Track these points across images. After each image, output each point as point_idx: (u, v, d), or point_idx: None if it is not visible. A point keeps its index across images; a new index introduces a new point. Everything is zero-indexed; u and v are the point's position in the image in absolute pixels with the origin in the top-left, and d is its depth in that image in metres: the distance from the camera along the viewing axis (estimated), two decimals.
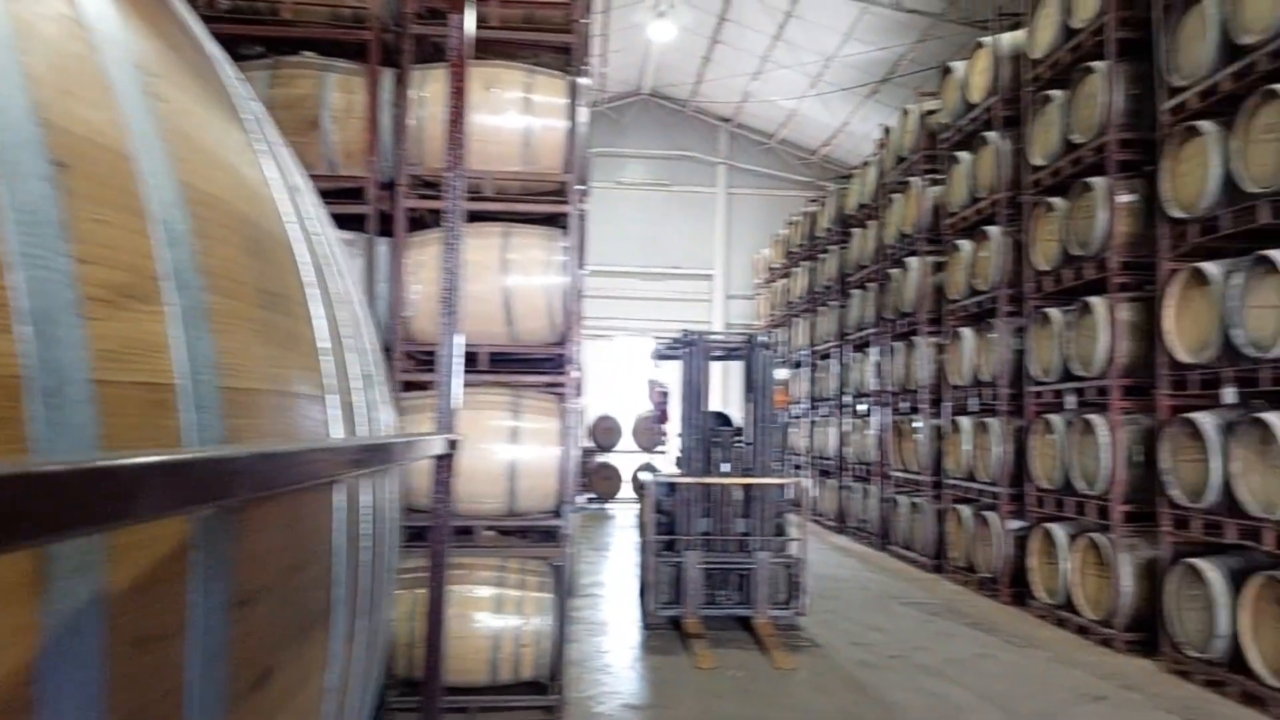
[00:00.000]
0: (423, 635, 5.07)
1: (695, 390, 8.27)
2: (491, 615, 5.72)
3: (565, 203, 6.31)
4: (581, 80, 6.53)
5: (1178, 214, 7.18)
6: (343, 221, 5.15)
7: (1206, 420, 6.67)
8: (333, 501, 2.06)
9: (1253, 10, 6.43)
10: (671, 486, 8.20)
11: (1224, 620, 6.43)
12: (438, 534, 3.36)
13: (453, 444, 3.29)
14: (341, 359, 2.26)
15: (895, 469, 13.26)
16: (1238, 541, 6.42)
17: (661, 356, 9.26)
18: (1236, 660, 6.39)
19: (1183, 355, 7.08)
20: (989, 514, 10.08)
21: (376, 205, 6.08)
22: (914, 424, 12.55)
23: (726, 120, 25.70)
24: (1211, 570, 6.57)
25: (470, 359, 5.80)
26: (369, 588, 2.31)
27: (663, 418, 18.01)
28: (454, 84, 3.65)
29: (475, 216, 6.18)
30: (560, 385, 6.25)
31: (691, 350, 8.33)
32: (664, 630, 8.04)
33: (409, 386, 6.07)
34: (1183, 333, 7.10)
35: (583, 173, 8.33)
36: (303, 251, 2.14)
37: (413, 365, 6.15)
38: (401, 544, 3.03)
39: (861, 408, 15.24)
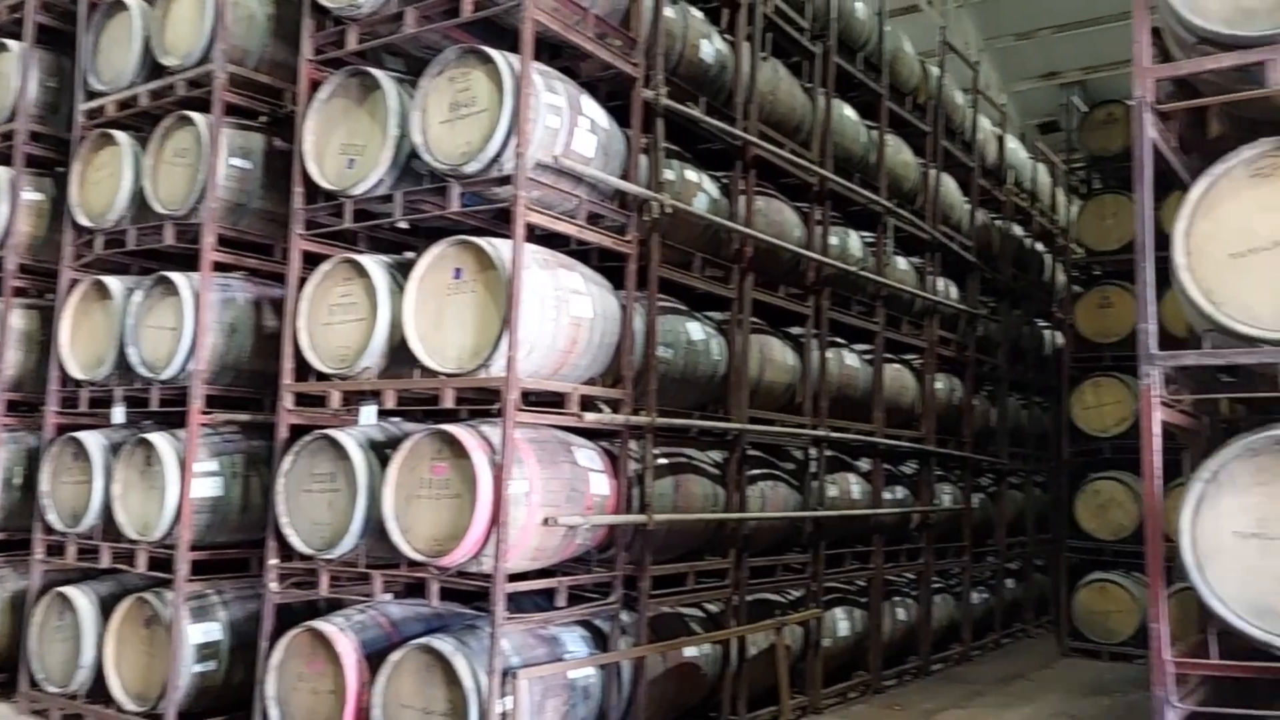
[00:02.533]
0: None
1: None
2: None
3: None
4: None
5: (85, 222, 6.81)
6: None
7: (93, 440, 6.38)
8: None
9: (174, 34, 6.47)
10: None
11: (90, 649, 6.15)
12: None
13: None
14: None
15: None
16: (113, 566, 6.26)
17: None
18: (99, 690, 6.16)
19: (77, 371, 6.68)
20: None
21: None
22: None
23: None
24: (82, 597, 6.25)
25: None
26: None
27: None
28: None
29: None
30: None
31: None
32: None
33: None
34: (79, 347, 6.72)
35: None
36: None
37: None
38: None
39: None
